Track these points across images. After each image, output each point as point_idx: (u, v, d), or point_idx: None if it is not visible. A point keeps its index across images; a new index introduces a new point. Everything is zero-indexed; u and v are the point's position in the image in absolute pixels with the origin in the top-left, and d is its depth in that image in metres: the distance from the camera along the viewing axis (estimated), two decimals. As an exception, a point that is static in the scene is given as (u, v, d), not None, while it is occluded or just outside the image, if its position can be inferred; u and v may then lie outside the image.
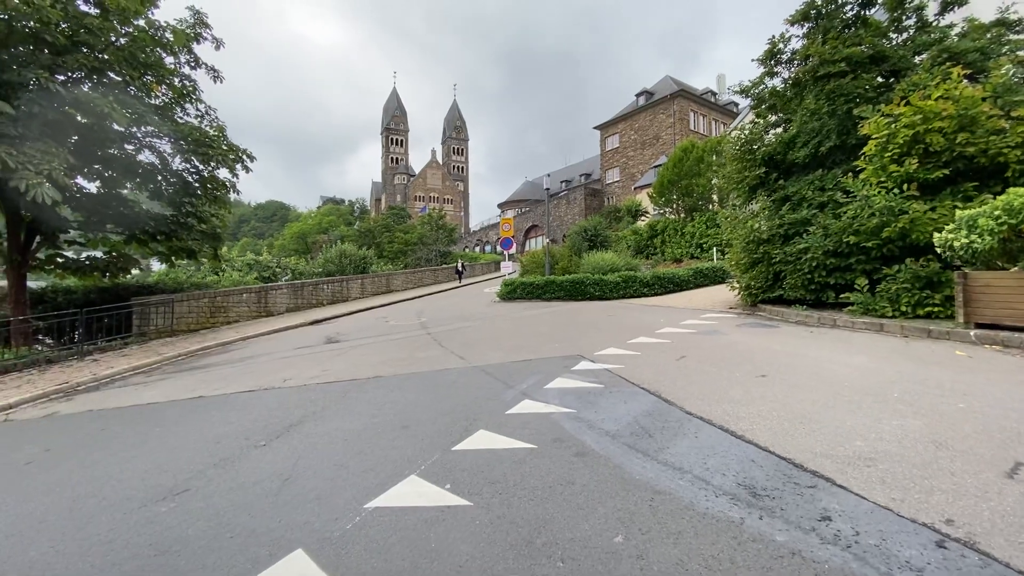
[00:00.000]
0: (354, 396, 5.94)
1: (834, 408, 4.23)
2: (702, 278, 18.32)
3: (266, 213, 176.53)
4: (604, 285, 15.81)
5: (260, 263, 21.02)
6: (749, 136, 10.20)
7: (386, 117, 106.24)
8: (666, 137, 46.97)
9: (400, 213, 72.09)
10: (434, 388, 6.01)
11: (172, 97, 11.31)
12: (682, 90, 47.52)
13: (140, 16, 10.00)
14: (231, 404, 6.16)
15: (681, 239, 27.39)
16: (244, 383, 7.20)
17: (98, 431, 5.60)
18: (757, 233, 9.62)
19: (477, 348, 8.48)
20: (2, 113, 7.45)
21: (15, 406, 6.88)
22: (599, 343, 8.05)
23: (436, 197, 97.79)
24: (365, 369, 7.45)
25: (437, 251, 53.73)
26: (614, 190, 54.24)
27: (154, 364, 9.13)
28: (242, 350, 10.42)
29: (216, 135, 11.72)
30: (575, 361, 6.89)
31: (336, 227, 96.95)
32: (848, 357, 6.12)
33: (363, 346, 9.71)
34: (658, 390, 5.17)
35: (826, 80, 8.78)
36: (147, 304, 11.65)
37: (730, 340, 7.68)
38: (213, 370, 8.50)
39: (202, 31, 11.62)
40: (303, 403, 5.83)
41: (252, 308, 14.87)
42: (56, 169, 7.78)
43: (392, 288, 23.58)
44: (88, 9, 9.06)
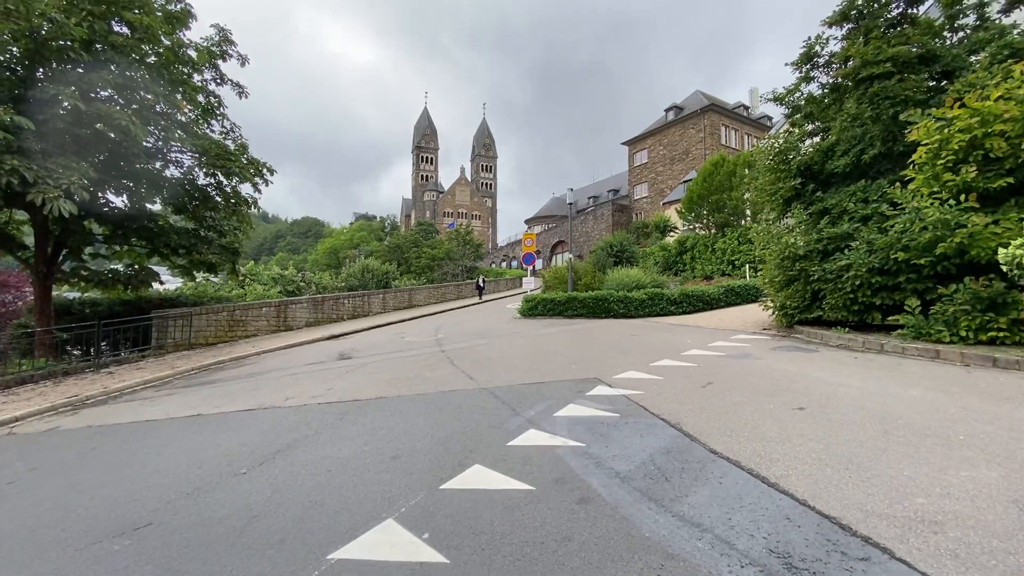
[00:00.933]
0: (352, 419, 5.60)
1: (887, 452, 3.61)
2: (734, 296, 17.44)
3: (301, 229, 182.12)
4: (629, 303, 15.19)
5: (284, 277, 21.27)
6: (784, 145, 9.54)
7: (417, 136, 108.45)
8: (696, 152, 46.02)
9: (428, 228, 72.82)
10: (436, 412, 5.60)
11: (198, 114, 11.51)
12: (712, 104, 46.60)
13: (168, 36, 10.24)
14: (226, 424, 5.91)
15: (711, 255, 26.42)
16: (246, 401, 6.97)
17: (89, 450, 5.40)
18: (793, 249, 8.93)
19: (489, 368, 8.05)
20: (23, 128, 7.62)
21: (21, 419, 6.84)
22: (619, 365, 7.51)
23: (464, 213, 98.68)
24: (370, 388, 7.12)
25: (464, 266, 53.83)
26: (642, 206, 53.36)
27: (166, 378, 9.08)
28: (254, 365, 10.29)
29: (237, 150, 11.85)
30: (591, 385, 6.38)
31: (367, 243, 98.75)
32: (900, 388, 5.42)
33: (374, 363, 9.42)
34: (679, 422, 4.62)
35: (869, 83, 8.11)
36: (166, 317, 11.75)
37: (763, 365, 7.02)
38: (221, 386, 8.34)
39: (227, 48, 11.86)
40: (298, 425, 5.52)
41: (271, 322, 14.90)
42: (75, 183, 7.90)
43: (414, 303, 23.46)
44: (118, 28, 9.31)
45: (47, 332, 9.95)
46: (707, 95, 50.03)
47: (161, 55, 9.87)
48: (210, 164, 11.14)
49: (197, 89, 11.39)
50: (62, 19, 7.91)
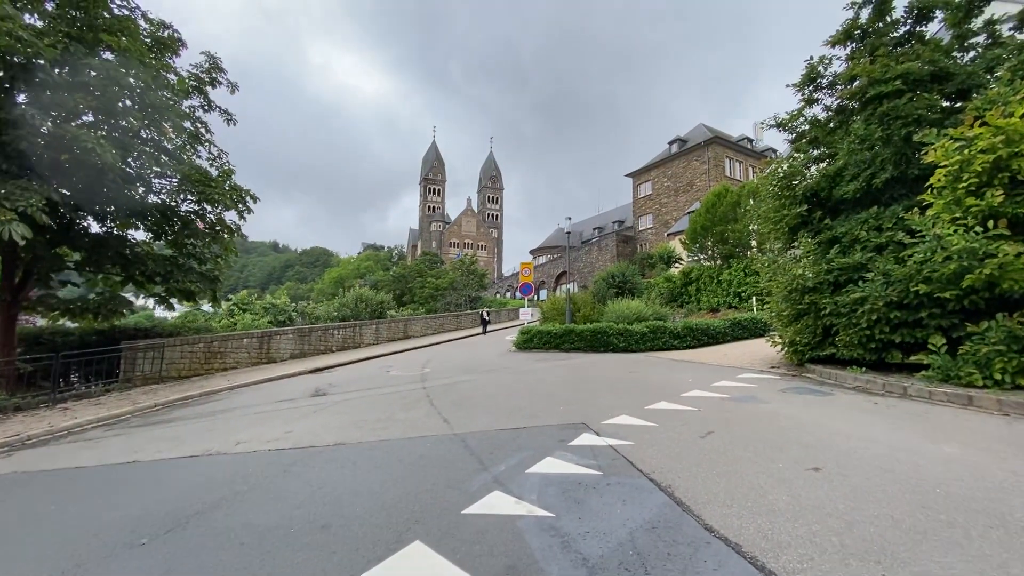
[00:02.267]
0: (297, 471, 4.89)
1: (927, 537, 2.85)
2: (740, 330, 16.65)
3: (310, 259, 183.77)
4: (629, 336, 14.44)
5: (276, 307, 20.76)
6: (788, 170, 8.98)
7: (425, 168, 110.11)
8: (700, 184, 45.88)
9: (433, 259, 72.81)
10: (394, 464, 4.90)
11: (184, 140, 11.25)
12: (716, 136, 46.73)
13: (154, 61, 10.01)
14: (157, 475, 5.23)
15: (717, 287, 25.68)
16: (194, 445, 6.28)
17: None
18: (801, 280, 8.24)
19: (468, 409, 7.34)
20: None
21: None
22: (611, 408, 6.77)
23: (470, 244, 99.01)
24: (332, 432, 6.42)
25: (467, 296, 53.37)
26: (647, 237, 53.02)
27: (122, 416, 8.42)
28: (222, 401, 9.61)
29: (220, 177, 11.53)
30: (576, 432, 5.66)
31: (373, 272, 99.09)
32: (932, 443, 4.64)
33: (348, 401, 8.72)
34: (671, 484, 3.89)
35: (877, 102, 7.59)
36: (135, 348, 11.16)
37: (771, 410, 6.25)
38: (176, 426, 7.65)
39: (216, 75, 11.71)
40: (234, 478, 4.81)
41: (253, 354, 14.25)
42: (34, 206, 7.49)
43: (410, 334, 22.77)
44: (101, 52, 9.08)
45: (8, 363, 9.38)
46: (710, 128, 50.31)
47: (143, 81, 9.63)
48: (190, 191, 10.78)
49: (183, 116, 11.15)
50: (30, 37, 7.67)
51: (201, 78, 11.52)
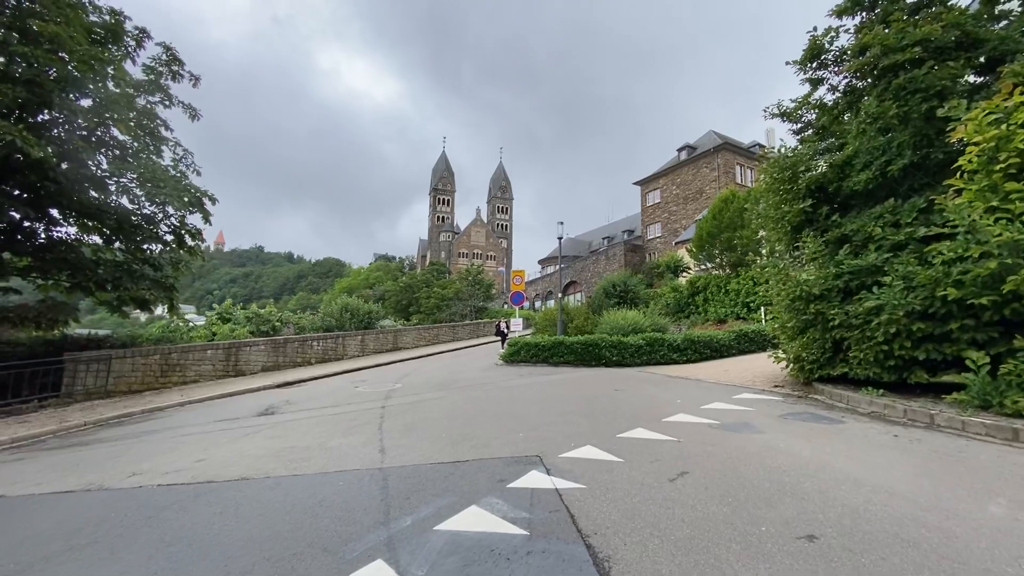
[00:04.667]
0: (162, 519, 3.97)
1: None
2: (747, 343, 15.43)
3: (322, 269, 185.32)
4: (623, 349, 13.33)
5: (260, 316, 20.01)
6: (791, 159, 7.86)
7: (434, 178, 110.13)
8: (710, 191, 44.61)
9: (440, 269, 72.22)
10: (282, 511, 3.95)
11: (141, 137, 10.55)
12: (726, 143, 45.49)
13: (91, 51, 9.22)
14: (6, 516, 4.33)
15: (725, 297, 24.39)
16: (81, 477, 5.38)
17: None
18: (805, 287, 7.13)
19: (416, 434, 6.36)
20: None
21: None
22: (577, 436, 5.74)
23: (479, 254, 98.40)
24: (246, 463, 5.48)
25: (473, 307, 52.45)
26: (655, 246, 51.73)
27: (42, 435, 7.58)
28: (161, 420, 8.73)
29: (177, 176, 10.80)
30: (524, 468, 4.65)
31: (383, 282, 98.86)
32: (972, 500, 3.53)
33: (291, 422, 7.78)
34: (610, 556, 2.87)
35: (892, 74, 6.50)
36: (78, 360, 10.36)
37: (765, 444, 5.15)
38: (84, 451, 6.77)
39: (177, 68, 11.06)
40: (85, 525, 3.93)
41: (218, 366, 13.38)
42: None
43: (400, 345, 21.82)
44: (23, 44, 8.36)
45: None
46: (720, 135, 49.14)
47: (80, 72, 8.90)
48: (142, 191, 10.05)
49: (140, 112, 10.46)
50: None
51: (158, 71, 10.87)
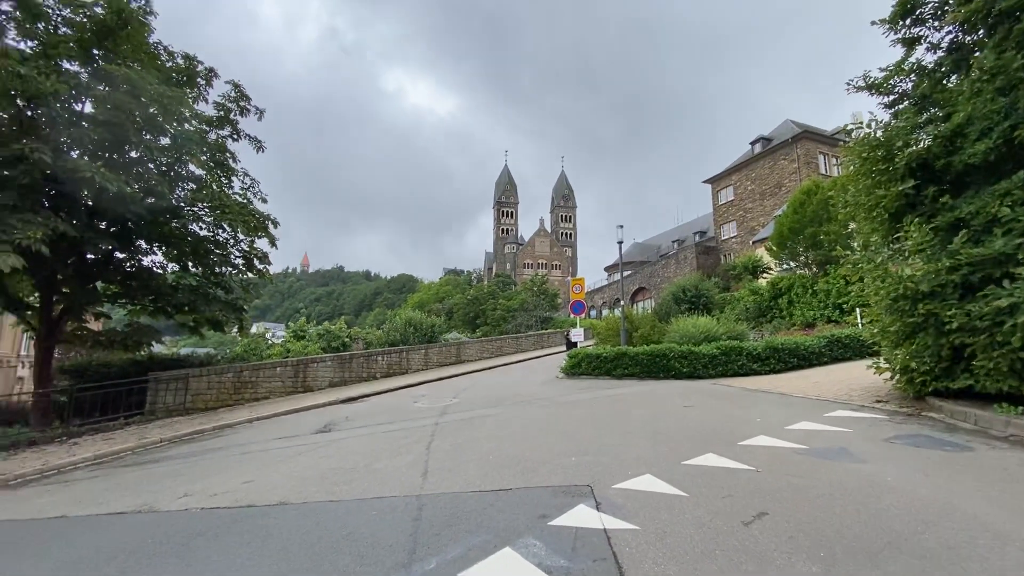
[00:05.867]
0: (192, 548, 3.93)
1: None
2: (840, 350, 13.72)
3: (397, 285, 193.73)
4: (694, 359, 12.27)
5: (331, 332, 20.86)
6: (887, 134, 6.65)
7: (498, 191, 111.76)
8: (790, 184, 41.27)
9: (505, 280, 72.73)
10: (306, 545, 3.74)
11: (212, 168, 11.34)
12: (806, 131, 41.98)
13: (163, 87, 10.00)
14: (61, 537, 4.58)
15: (812, 299, 22.12)
16: (137, 498, 5.57)
17: None
18: (910, 284, 5.98)
19: (463, 455, 6.02)
20: None
21: None
22: (636, 461, 5.12)
23: (544, 264, 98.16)
24: (290, 485, 5.42)
25: (538, 317, 52.10)
26: (731, 246, 48.64)
27: (120, 452, 8.11)
28: (227, 437, 9.09)
29: (243, 201, 11.48)
30: (570, 501, 4.15)
31: (451, 296, 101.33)
32: None
33: (343, 441, 7.76)
34: (661, 633, 2.28)
35: (1014, 18, 5.26)
36: (159, 380, 11.16)
37: (868, 477, 4.25)
38: (154, 467, 7.12)
39: (244, 104, 11.80)
40: (119, 553, 3.95)
41: (287, 383, 13.92)
42: (32, 238, 7.52)
43: (463, 358, 21.80)
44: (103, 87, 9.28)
45: (43, 395, 9.66)
46: (798, 123, 45.55)
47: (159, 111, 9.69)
48: (213, 217, 10.76)
49: (212, 146, 11.24)
50: (31, 74, 7.89)
51: (227, 107, 11.66)
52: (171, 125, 10.15)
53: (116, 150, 9.65)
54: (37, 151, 7.83)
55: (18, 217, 7.79)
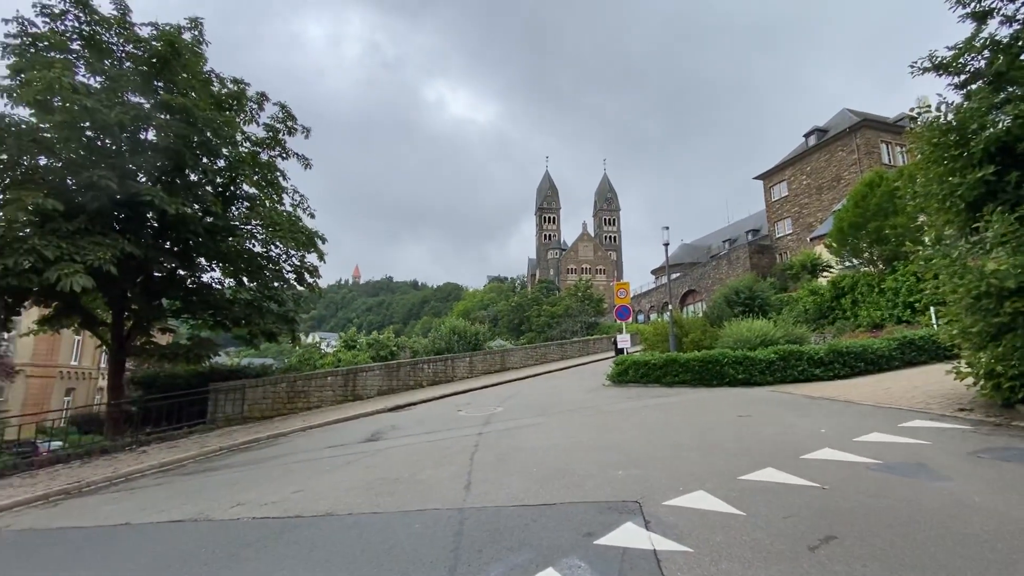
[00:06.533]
0: (242, 558, 4.07)
1: None
2: (914, 353, 12.67)
3: (443, 294, 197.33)
4: (750, 365, 11.64)
5: (379, 342, 21.39)
6: (960, 116, 6.03)
7: (539, 198, 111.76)
8: (849, 177, 38.85)
9: (549, 286, 72.47)
10: (342, 561, 3.81)
11: (264, 188, 11.95)
12: (865, 120, 39.42)
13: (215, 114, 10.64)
14: (124, 544, 4.87)
15: (879, 298, 20.61)
16: (196, 505, 5.83)
17: None
18: (994, 280, 5.37)
19: (507, 466, 5.94)
20: (55, 210, 8.17)
21: (7, 508, 6.62)
22: (687, 476, 4.86)
23: (588, 268, 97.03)
24: (337, 495, 5.52)
25: (583, 323, 51.47)
26: (786, 244, 46.27)
27: (183, 460, 8.56)
28: (281, 446, 9.41)
29: (293, 218, 12.00)
30: (617, 518, 3.98)
31: (496, 303, 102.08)
32: None
33: (391, 449, 7.85)
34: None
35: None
36: (218, 390, 11.75)
37: (951, 496, 3.82)
38: (212, 476, 7.46)
39: (292, 123, 12.37)
40: (174, 563, 4.10)
41: (337, 392, 14.33)
42: (102, 258, 8.14)
43: (507, 366, 21.74)
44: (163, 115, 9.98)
45: (115, 406, 10.41)
46: (856, 112, 42.92)
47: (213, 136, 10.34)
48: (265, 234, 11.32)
49: (263, 166, 11.83)
50: (96, 106, 8.58)
51: (276, 127, 12.26)
52: (225, 148, 10.80)
53: (177, 174, 10.38)
54: (104, 178, 8.54)
55: (89, 240, 8.50)
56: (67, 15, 10.03)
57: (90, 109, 8.56)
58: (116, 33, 10.36)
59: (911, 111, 7.25)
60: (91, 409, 19.03)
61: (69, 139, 9.01)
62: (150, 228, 10.57)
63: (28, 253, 7.82)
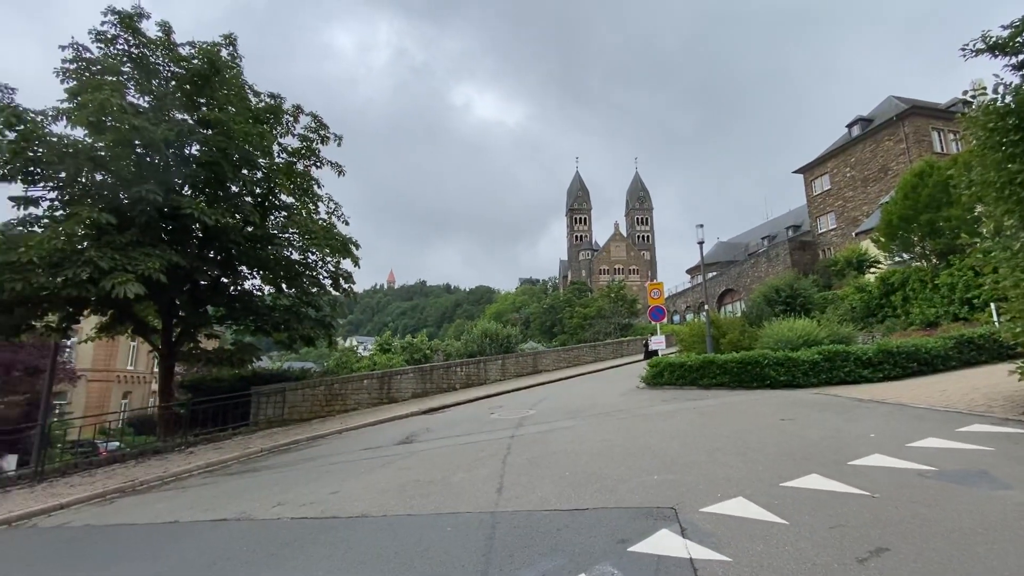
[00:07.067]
0: (280, 557, 4.20)
1: None
2: (973, 352, 11.90)
3: (475, 297, 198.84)
4: (792, 366, 11.18)
5: (413, 345, 21.70)
6: (1018, 100, 5.58)
7: (570, 199, 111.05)
8: (897, 167, 36.88)
9: (581, 288, 71.86)
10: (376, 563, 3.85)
11: (300, 196, 12.36)
12: (914, 107, 37.36)
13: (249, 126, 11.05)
14: (171, 542, 5.08)
15: (933, 294, 19.44)
16: (240, 504, 6.04)
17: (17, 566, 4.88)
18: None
19: (539, 470, 5.90)
20: (109, 223, 8.69)
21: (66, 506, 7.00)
22: (726, 482, 4.70)
23: (620, 269, 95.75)
24: (371, 497, 5.62)
25: (616, 324, 50.77)
26: (829, 240, 44.33)
27: (227, 461, 8.90)
28: (319, 447, 9.65)
29: (328, 225, 12.34)
30: (652, 524, 3.88)
31: (527, 305, 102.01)
32: None
33: (424, 452, 7.93)
34: None
35: None
36: (260, 393, 12.16)
37: (1018, 508, 3.56)
38: (254, 476, 7.73)
39: (325, 132, 12.75)
40: (217, 559, 4.26)
41: (373, 395, 14.61)
42: (152, 268, 8.61)
43: (540, 368, 21.64)
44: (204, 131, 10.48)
45: (166, 409, 10.95)
46: (903, 98, 40.84)
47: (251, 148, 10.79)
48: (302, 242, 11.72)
49: (298, 175, 12.24)
50: (144, 124, 9.07)
51: (310, 137, 12.65)
52: (263, 159, 11.24)
53: (218, 186, 10.89)
54: (152, 192, 9.06)
55: (140, 251, 9.02)
56: (118, 39, 10.70)
57: (138, 127, 9.10)
58: (162, 54, 10.98)
59: (965, 95, 6.81)
60: (145, 411, 20.11)
61: (120, 156, 9.60)
62: (195, 238, 11.13)
63: (86, 264, 8.38)
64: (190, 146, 10.75)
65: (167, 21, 11.11)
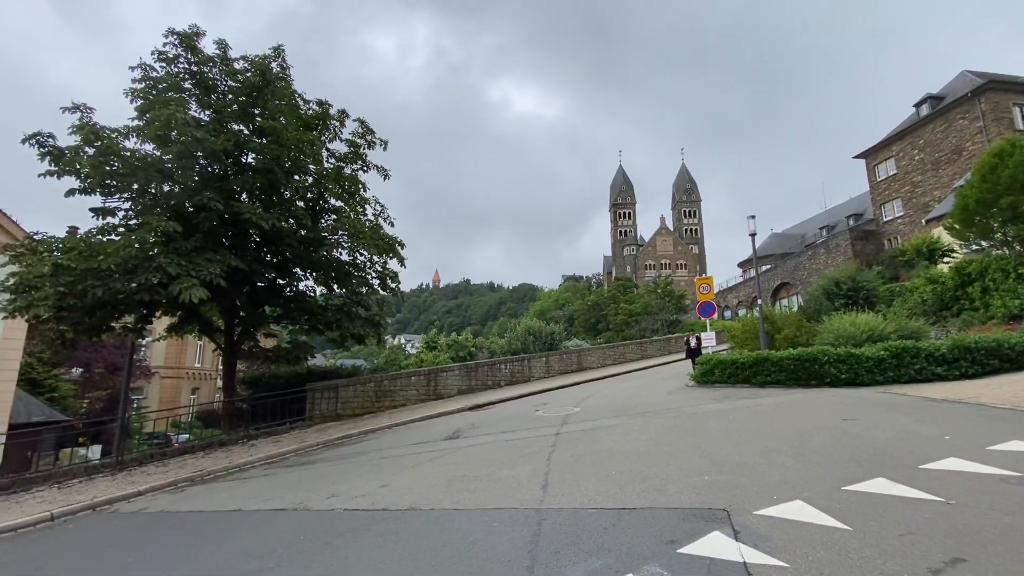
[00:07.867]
0: (335, 546, 4.41)
1: None
2: (1064, 347, 10.80)
3: (519, 295, 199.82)
4: (855, 363, 10.54)
5: (458, 343, 22.02)
6: None
7: (613, 194, 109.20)
8: (973, 148, 33.94)
9: (626, 284, 70.50)
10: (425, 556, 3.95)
11: (348, 199, 12.81)
12: (991, 81, 34.18)
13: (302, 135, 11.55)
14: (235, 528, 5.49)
15: (1017, 285, 17.77)
16: (297, 495, 6.37)
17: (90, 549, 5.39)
18: None
19: (585, 468, 5.85)
20: (176, 231, 9.32)
21: (144, 492, 7.53)
22: (782, 484, 4.51)
23: (667, 263, 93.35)
24: (419, 491, 5.76)
25: (664, 320, 49.50)
26: (895, 228, 41.40)
27: (285, 454, 9.36)
28: (370, 442, 9.96)
29: (374, 225, 12.73)
30: (703, 526, 3.78)
31: (571, 302, 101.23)
32: None
33: (471, 447, 8.05)
34: None
35: None
36: (314, 389, 12.70)
37: (1124, 519, 3.20)
38: (309, 469, 8.12)
39: (371, 137, 13.13)
40: (276, 547, 4.52)
41: (420, 391, 14.98)
42: (213, 273, 9.21)
43: (584, 366, 21.42)
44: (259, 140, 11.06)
45: (229, 403, 11.65)
46: (979, 72, 37.59)
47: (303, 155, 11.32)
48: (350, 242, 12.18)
49: (346, 179, 12.68)
50: (205, 136, 9.66)
51: (357, 142, 13.07)
52: (313, 165, 11.75)
53: (272, 192, 11.46)
54: (213, 200, 9.69)
55: (203, 256, 9.66)
56: (179, 59, 11.47)
57: (200, 140, 9.74)
58: (219, 69, 11.68)
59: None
60: (211, 406, 21.50)
61: (184, 167, 10.31)
62: (252, 243, 11.78)
63: (156, 271, 9.07)
64: (246, 155, 11.40)
65: (223, 39, 11.82)
